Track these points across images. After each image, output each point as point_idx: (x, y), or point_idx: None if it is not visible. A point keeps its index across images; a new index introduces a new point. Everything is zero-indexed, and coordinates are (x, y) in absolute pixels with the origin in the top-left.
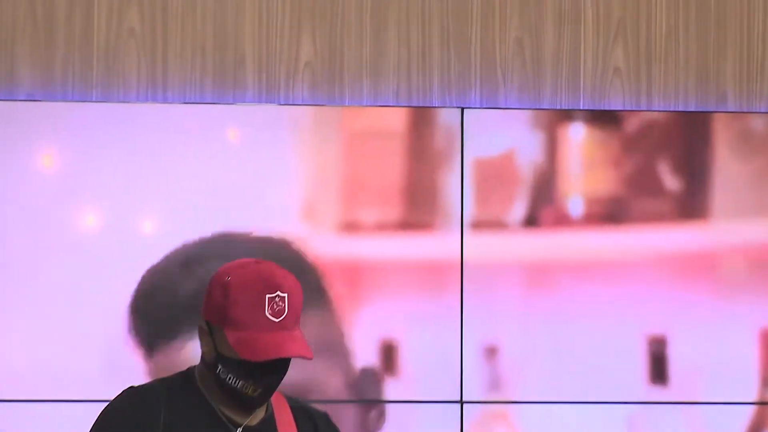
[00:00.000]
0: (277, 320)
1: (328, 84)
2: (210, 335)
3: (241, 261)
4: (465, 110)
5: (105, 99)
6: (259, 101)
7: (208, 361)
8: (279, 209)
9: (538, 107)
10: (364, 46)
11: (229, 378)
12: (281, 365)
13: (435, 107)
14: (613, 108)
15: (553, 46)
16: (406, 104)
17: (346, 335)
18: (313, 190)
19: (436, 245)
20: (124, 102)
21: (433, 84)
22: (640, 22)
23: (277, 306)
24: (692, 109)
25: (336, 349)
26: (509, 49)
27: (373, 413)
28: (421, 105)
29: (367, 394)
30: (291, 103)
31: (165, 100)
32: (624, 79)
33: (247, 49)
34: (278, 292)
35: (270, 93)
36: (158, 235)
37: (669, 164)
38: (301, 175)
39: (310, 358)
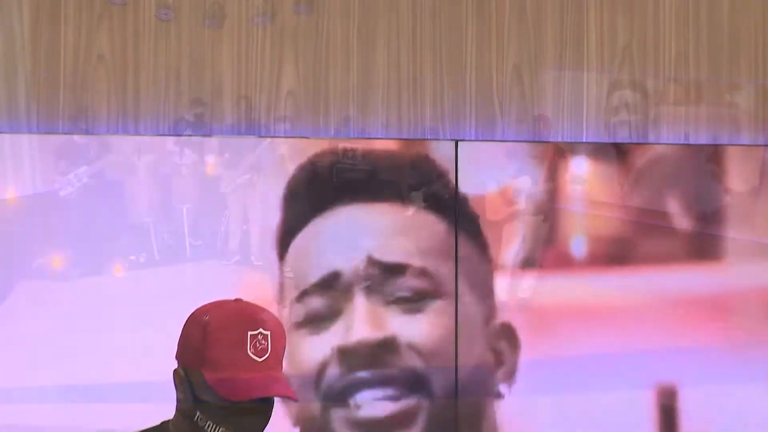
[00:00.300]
0: (259, 359)
1: (312, 114)
2: (187, 380)
3: (218, 301)
4: (459, 143)
5: (72, 130)
6: (238, 133)
7: (184, 410)
8: (259, 245)
9: (537, 140)
10: (350, 73)
11: (209, 425)
12: (265, 409)
13: (427, 139)
14: (618, 141)
15: (554, 74)
16: (396, 136)
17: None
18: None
19: None
20: (92, 134)
21: (425, 114)
22: (648, 47)
23: (260, 345)
24: (704, 142)
25: (483, 288)
26: (507, 78)
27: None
28: (412, 137)
29: (501, 348)
30: (272, 134)
31: (137, 132)
32: (630, 109)
33: (225, 75)
34: (261, 330)
35: (250, 124)
36: (128, 273)
37: (679, 201)
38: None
39: (296, 401)
